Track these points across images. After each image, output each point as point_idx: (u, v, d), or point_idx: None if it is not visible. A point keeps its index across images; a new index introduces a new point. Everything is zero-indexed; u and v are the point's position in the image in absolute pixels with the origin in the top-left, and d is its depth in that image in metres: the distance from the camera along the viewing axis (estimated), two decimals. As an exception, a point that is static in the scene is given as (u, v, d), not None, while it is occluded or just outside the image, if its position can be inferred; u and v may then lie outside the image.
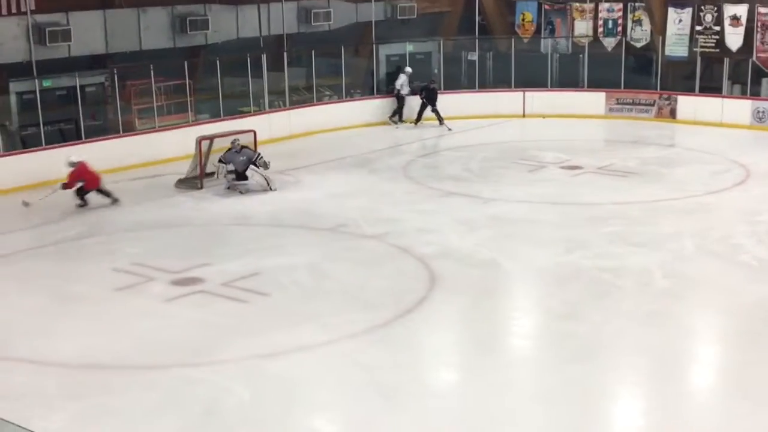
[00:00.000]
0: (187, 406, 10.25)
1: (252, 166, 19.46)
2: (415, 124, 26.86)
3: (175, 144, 22.00)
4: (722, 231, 16.18)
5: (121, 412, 10.15)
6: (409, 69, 27.45)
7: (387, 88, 28.23)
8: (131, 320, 12.67)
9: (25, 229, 17.27)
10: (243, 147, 19.57)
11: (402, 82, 27.16)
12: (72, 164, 18.34)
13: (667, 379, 10.76)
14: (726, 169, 20.89)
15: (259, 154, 19.71)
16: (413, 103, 27.01)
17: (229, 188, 19.53)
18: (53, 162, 20.37)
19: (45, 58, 21.70)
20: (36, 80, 21.14)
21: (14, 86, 21.43)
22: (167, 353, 11.47)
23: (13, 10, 21.02)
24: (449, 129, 26.05)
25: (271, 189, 19.44)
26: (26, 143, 21.22)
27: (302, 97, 26.75)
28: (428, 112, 26.75)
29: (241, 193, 19.31)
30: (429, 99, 26.66)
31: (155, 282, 14.11)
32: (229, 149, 19.59)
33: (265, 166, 19.64)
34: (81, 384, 10.76)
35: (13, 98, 21.50)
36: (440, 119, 26.51)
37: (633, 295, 13.31)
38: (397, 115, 27.21)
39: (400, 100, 27.19)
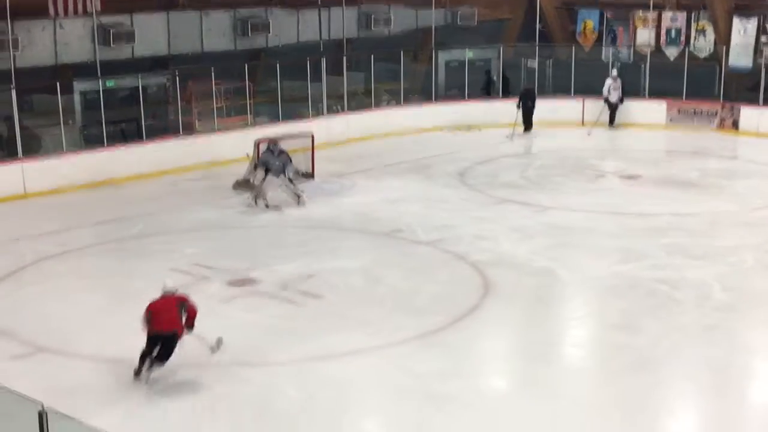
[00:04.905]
0: (239, 407, 10.34)
1: (283, 178, 18.59)
2: (524, 131, 26.46)
3: (233, 146, 22.17)
4: (784, 245, 15.90)
5: (174, 411, 10.30)
6: (614, 72, 27.14)
7: (446, 93, 28.24)
8: (186, 319, 12.79)
9: (89, 226, 17.53)
10: (282, 152, 18.77)
11: (608, 86, 26.89)
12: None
13: (724, 395, 10.60)
14: (789, 183, 20.54)
15: (291, 163, 18.79)
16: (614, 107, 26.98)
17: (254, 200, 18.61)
18: (113, 160, 20.77)
19: (109, 58, 22.09)
20: (100, 80, 21.46)
21: (78, 85, 21.80)
22: (221, 353, 11.56)
23: (79, 11, 21.43)
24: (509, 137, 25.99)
25: (299, 204, 18.64)
26: (88, 141, 21.57)
27: (361, 101, 26.84)
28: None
29: (264, 204, 18.47)
30: (526, 103, 26.37)
31: (211, 282, 14.24)
32: (268, 149, 18.88)
33: (294, 177, 18.83)
34: (136, 382, 10.89)
35: (77, 97, 21.87)
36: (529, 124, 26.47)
37: (690, 308, 13.11)
38: (612, 120, 26.97)
39: (611, 106, 26.93)
